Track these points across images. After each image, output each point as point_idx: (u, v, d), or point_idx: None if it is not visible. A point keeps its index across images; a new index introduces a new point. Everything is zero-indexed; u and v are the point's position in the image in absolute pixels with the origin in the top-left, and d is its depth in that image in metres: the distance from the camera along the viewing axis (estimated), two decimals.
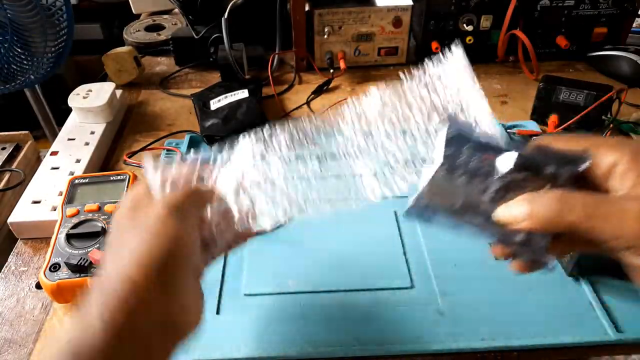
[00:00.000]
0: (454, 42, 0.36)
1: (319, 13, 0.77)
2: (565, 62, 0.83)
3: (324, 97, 0.77)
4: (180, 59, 0.85)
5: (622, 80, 0.75)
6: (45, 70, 0.65)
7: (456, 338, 0.41)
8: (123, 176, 0.53)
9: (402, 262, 0.48)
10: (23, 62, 0.64)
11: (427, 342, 0.41)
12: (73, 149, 0.62)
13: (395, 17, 0.77)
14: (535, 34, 0.79)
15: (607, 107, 0.63)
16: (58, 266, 0.44)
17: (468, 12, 0.77)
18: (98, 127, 0.66)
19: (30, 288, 0.48)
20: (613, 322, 0.42)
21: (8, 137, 0.71)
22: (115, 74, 0.79)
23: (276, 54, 0.84)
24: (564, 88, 0.64)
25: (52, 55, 0.65)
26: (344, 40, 0.80)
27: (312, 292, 0.46)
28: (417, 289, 0.46)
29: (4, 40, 0.61)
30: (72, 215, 0.48)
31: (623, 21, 0.78)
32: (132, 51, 0.79)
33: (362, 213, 0.54)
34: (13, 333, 0.44)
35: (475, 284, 0.46)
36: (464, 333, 0.42)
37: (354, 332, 0.42)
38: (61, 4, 0.62)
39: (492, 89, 0.77)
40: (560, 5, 0.77)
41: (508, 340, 0.41)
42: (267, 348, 0.41)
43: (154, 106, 0.76)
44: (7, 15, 0.59)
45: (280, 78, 0.82)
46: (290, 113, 0.72)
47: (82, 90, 0.69)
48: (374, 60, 0.82)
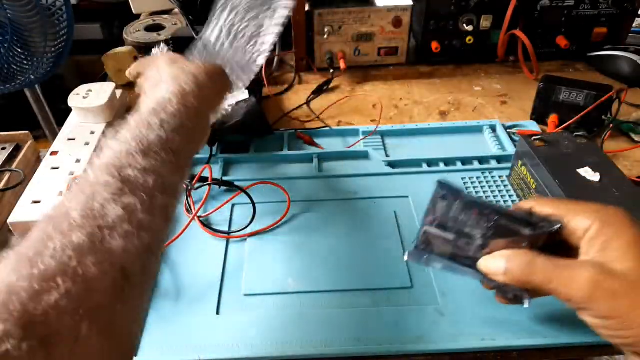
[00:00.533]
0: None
1: (319, 13, 0.77)
2: (565, 62, 0.83)
3: (323, 97, 0.77)
4: None
5: (622, 80, 0.75)
6: (45, 70, 0.65)
7: (456, 338, 0.41)
8: None
9: (402, 262, 0.48)
10: (23, 62, 0.64)
11: (427, 342, 0.41)
12: (73, 149, 0.62)
13: (395, 17, 0.78)
14: (535, 34, 0.79)
15: (607, 107, 0.63)
16: None
17: (468, 12, 0.77)
18: (98, 127, 0.66)
19: None
20: None
21: (8, 137, 0.71)
22: (115, 74, 0.79)
23: (276, 55, 0.84)
24: (564, 88, 0.64)
25: (52, 55, 0.65)
26: (344, 40, 0.80)
27: (312, 292, 0.46)
28: (417, 289, 0.46)
29: (4, 40, 0.61)
30: None
31: (623, 21, 0.78)
32: (132, 51, 0.79)
33: (362, 213, 0.54)
34: None
35: (475, 284, 0.46)
36: (464, 333, 0.42)
37: (354, 332, 0.42)
38: (61, 4, 0.62)
39: (492, 89, 0.77)
40: (560, 5, 0.77)
41: (508, 340, 0.41)
42: (267, 348, 0.41)
43: None
44: (7, 15, 0.59)
45: (280, 78, 0.82)
46: (290, 113, 0.72)
47: (82, 90, 0.69)
48: (374, 60, 0.82)
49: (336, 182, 0.58)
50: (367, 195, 0.56)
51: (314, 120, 0.71)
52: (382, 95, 0.76)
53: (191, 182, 0.55)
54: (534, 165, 0.51)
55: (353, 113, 0.72)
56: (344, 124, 0.70)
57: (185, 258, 0.50)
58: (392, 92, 0.77)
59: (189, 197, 0.55)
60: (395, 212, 0.54)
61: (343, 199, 0.56)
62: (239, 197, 0.55)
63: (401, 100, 0.75)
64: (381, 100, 0.74)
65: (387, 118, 0.71)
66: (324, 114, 0.72)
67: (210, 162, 0.61)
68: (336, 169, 0.61)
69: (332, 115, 0.72)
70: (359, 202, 0.56)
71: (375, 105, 0.74)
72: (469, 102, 0.74)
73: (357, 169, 0.61)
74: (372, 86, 0.79)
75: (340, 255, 0.49)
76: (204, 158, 0.61)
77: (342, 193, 0.57)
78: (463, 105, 0.73)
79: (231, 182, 0.56)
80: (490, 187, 0.57)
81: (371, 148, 0.63)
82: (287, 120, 0.71)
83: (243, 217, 0.53)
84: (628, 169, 0.60)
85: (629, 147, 0.62)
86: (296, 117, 0.71)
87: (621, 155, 0.62)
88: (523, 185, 0.53)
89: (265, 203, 0.55)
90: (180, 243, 0.50)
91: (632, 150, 0.62)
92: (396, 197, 0.56)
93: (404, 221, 0.53)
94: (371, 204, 0.55)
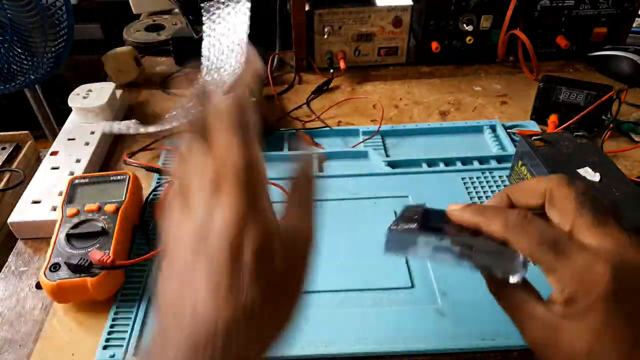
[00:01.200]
0: None
1: (319, 13, 0.77)
2: (565, 62, 0.83)
3: (324, 97, 0.77)
4: (180, 59, 0.85)
5: (622, 80, 0.75)
6: (45, 70, 0.66)
7: (456, 338, 0.41)
8: (123, 176, 0.53)
9: (402, 262, 0.48)
10: (23, 62, 0.64)
11: (427, 342, 0.41)
12: (73, 149, 0.62)
13: (395, 17, 0.78)
14: (535, 34, 0.79)
15: (607, 107, 0.63)
16: (58, 266, 0.44)
17: (468, 12, 0.77)
18: (98, 127, 0.66)
19: (30, 288, 0.48)
20: None
21: (8, 137, 0.71)
22: (115, 74, 0.79)
23: (276, 54, 0.84)
24: (564, 88, 0.64)
25: (52, 55, 0.65)
26: (344, 40, 0.80)
27: (312, 291, 0.46)
28: (417, 289, 0.46)
29: (4, 40, 0.61)
30: (72, 215, 0.48)
31: (623, 21, 0.78)
32: (132, 51, 0.79)
33: (363, 213, 0.54)
34: (13, 333, 0.44)
35: (475, 284, 0.45)
36: (464, 333, 0.42)
37: (354, 332, 0.42)
38: (61, 4, 0.62)
39: (492, 89, 0.77)
40: (560, 5, 0.77)
41: (508, 340, 0.41)
42: None
43: (154, 106, 0.76)
44: (7, 15, 0.59)
45: (280, 78, 0.82)
46: (290, 113, 0.72)
47: (82, 90, 0.69)
48: (374, 60, 0.82)
49: (336, 182, 0.58)
50: (367, 195, 0.56)
51: (314, 120, 0.71)
52: (382, 95, 0.76)
53: None
54: (534, 165, 0.51)
55: (353, 113, 0.72)
56: (344, 124, 0.70)
57: None
58: (392, 92, 0.77)
59: None
60: (395, 212, 0.54)
61: (343, 199, 0.56)
62: None
63: (401, 100, 0.75)
64: (381, 101, 0.74)
65: (387, 118, 0.71)
66: (324, 114, 0.72)
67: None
68: (336, 169, 0.61)
69: (332, 115, 0.72)
70: (359, 202, 0.56)
71: (375, 106, 0.74)
72: (469, 102, 0.74)
73: (357, 169, 0.61)
74: (372, 86, 0.79)
75: (340, 255, 0.49)
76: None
77: (342, 193, 0.57)
78: (463, 105, 0.73)
79: None
80: (490, 187, 0.57)
81: (371, 148, 0.63)
82: (288, 120, 0.71)
83: None
84: (628, 169, 0.60)
85: (629, 147, 0.62)
86: (296, 117, 0.71)
87: (621, 155, 0.62)
88: None
89: None
90: None
91: (632, 150, 0.62)
92: (396, 197, 0.56)
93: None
94: (371, 204, 0.55)
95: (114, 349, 0.41)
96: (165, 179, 0.58)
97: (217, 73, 0.38)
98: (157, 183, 0.58)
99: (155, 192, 0.57)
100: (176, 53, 0.85)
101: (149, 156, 0.64)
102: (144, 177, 0.60)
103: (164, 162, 0.62)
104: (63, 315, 0.45)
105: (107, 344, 0.42)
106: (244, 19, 0.42)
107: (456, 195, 0.56)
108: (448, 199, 0.55)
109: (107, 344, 0.42)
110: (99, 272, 0.43)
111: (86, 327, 0.44)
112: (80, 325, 0.44)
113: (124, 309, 0.45)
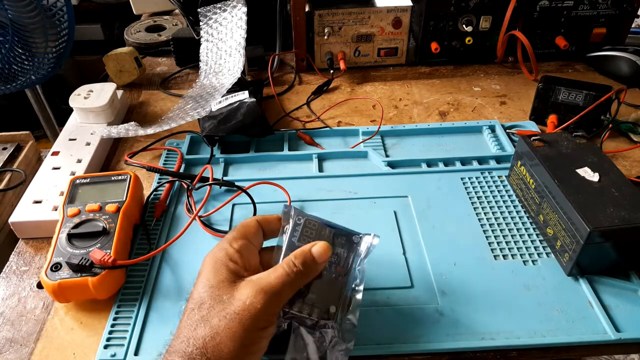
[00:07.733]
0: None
1: (319, 14, 0.77)
2: (565, 62, 0.83)
3: (324, 97, 0.77)
4: (180, 60, 0.86)
5: (621, 81, 0.75)
6: (46, 70, 0.66)
7: (456, 338, 0.41)
8: (124, 176, 0.53)
9: (402, 262, 0.48)
10: (24, 63, 0.64)
11: (427, 342, 0.41)
12: (74, 149, 0.62)
13: (395, 17, 0.78)
14: (534, 35, 0.79)
15: (606, 107, 0.63)
16: (59, 266, 0.44)
17: (467, 13, 0.78)
18: (99, 127, 0.66)
19: (31, 288, 0.48)
20: (612, 321, 0.42)
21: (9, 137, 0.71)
22: (116, 75, 0.79)
23: (276, 55, 0.84)
24: (563, 88, 0.64)
25: (53, 56, 0.65)
26: (344, 41, 0.80)
27: None
28: (417, 289, 0.46)
29: (5, 40, 0.61)
30: (73, 215, 0.48)
31: (622, 21, 0.78)
32: (133, 52, 0.80)
33: (362, 213, 0.54)
34: (14, 332, 0.44)
35: (475, 284, 0.46)
36: (464, 333, 0.42)
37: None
38: (62, 5, 0.62)
39: (492, 89, 0.77)
40: (560, 6, 0.77)
41: (508, 340, 0.41)
42: None
43: (155, 106, 0.76)
44: (8, 16, 0.59)
45: (281, 79, 0.82)
46: (290, 113, 0.73)
47: (83, 91, 0.69)
48: (373, 60, 0.83)
49: (336, 182, 0.59)
50: (367, 195, 0.56)
51: (314, 120, 0.71)
52: (382, 95, 0.76)
53: (192, 182, 0.56)
54: (533, 165, 0.51)
55: (353, 113, 0.72)
56: (344, 124, 0.70)
57: (186, 258, 0.50)
58: (391, 92, 0.77)
59: (190, 197, 0.55)
60: (395, 212, 0.54)
61: (343, 199, 0.56)
62: (239, 197, 0.55)
63: (401, 101, 0.75)
64: (381, 101, 0.74)
65: (386, 118, 0.71)
66: (324, 114, 0.72)
67: (211, 162, 0.61)
68: (336, 169, 0.61)
69: (332, 115, 0.72)
70: (359, 202, 0.56)
71: (375, 106, 0.74)
72: (468, 102, 0.74)
73: (357, 169, 0.61)
74: (372, 87, 0.79)
75: None
76: (205, 158, 0.62)
77: (342, 193, 0.57)
78: (462, 105, 0.73)
79: (232, 182, 0.56)
80: (489, 187, 0.57)
81: (371, 148, 0.63)
82: (288, 121, 0.71)
83: (244, 217, 0.53)
84: (627, 169, 0.60)
85: (628, 147, 0.62)
86: (296, 117, 0.72)
87: (620, 155, 0.62)
88: (522, 185, 0.53)
89: (266, 203, 0.55)
90: (181, 243, 0.50)
91: (631, 150, 0.62)
92: (396, 197, 0.56)
93: (404, 221, 0.53)
94: (371, 204, 0.56)
95: (114, 348, 0.42)
96: (166, 178, 0.58)
97: (216, 77, 0.39)
98: (158, 183, 0.58)
99: (156, 192, 0.57)
100: (177, 54, 0.85)
101: (149, 156, 0.64)
102: (145, 177, 0.60)
103: (164, 162, 0.63)
104: (64, 315, 0.45)
105: (108, 344, 0.42)
106: (241, 24, 0.42)
107: (455, 196, 0.56)
108: (447, 199, 0.56)
109: (108, 343, 0.42)
110: (100, 272, 0.43)
111: (87, 326, 0.44)
112: (81, 325, 0.44)
113: (124, 308, 0.45)
